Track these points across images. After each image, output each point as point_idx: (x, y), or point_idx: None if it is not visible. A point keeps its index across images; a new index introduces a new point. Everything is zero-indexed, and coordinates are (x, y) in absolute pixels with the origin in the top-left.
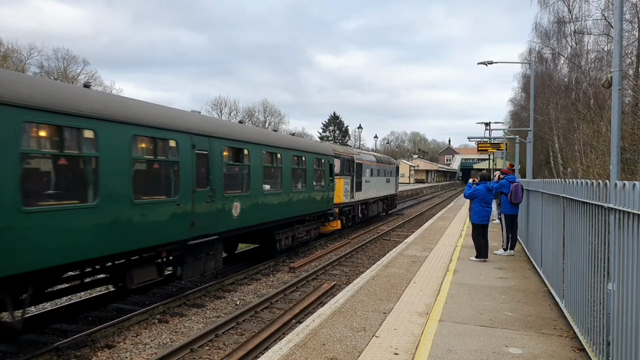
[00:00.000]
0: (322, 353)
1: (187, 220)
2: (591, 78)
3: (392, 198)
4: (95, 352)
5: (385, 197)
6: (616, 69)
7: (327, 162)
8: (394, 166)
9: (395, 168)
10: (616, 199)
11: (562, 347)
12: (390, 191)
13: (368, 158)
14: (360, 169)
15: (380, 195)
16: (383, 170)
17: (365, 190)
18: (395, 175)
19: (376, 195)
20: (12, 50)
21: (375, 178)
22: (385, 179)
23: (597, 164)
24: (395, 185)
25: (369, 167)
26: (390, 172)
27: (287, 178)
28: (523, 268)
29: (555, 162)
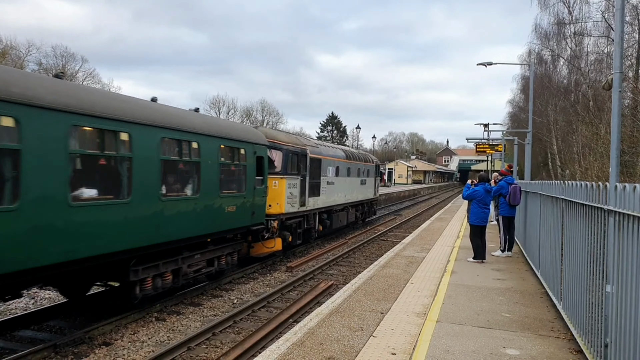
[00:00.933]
0: (320, 352)
1: None
2: (591, 80)
3: (370, 204)
4: (92, 350)
5: (361, 203)
6: (616, 71)
7: (253, 154)
8: (372, 164)
9: (374, 167)
10: (616, 201)
11: (559, 348)
12: (367, 195)
13: (332, 152)
14: (318, 166)
15: (352, 200)
16: (356, 169)
17: (328, 194)
18: (375, 176)
19: (345, 201)
20: (11, 47)
21: (343, 179)
22: (359, 180)
23: (595, 166)
24: (374, 187)
25: (332, 165)
26: (367, 171)
27: (147, 177)
28: (520, 270)
29: (554, 164)
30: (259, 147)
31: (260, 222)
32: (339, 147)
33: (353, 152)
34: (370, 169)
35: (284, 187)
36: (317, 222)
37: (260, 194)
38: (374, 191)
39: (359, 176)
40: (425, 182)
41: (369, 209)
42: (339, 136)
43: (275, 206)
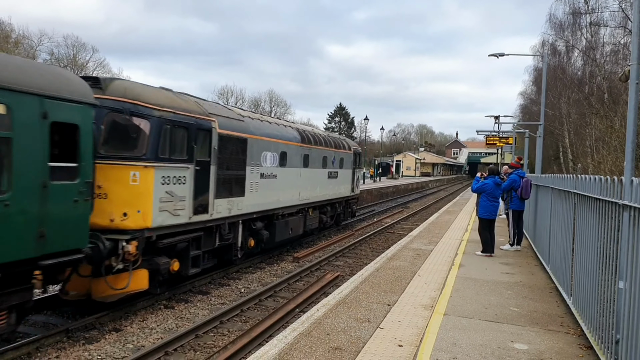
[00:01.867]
0: (327, 342)
1: None
2: (606, 72)
3: (345, 203)
4: (103, 335)
5: (330, 203)
6: (634, 62)
7: (41, 118)
8: (349, 152)
9: (352, 155)
10: (631, 195)
11: (568, 344)
12: (340, 192)
13: (272, 131)
14: (241, 149)
15: (314, 200)
16: (320, 158)
17: (264, 192)
18: (354, 166)
19: (301, 201)
20: (23, 37)
21: (295, 171)
22: (325, 173)
23: (609, 160)
24: (352, 181)
25: (273, 149)
26: (341, 160)
27: None
28: (530, 264)
29: (565, 158)
30: (63, 106)
31: (74, 247)
32: (290, 125)
33: (317, 134)
34: (346, 157)
35: (151, 183)
36: (243, 235)
37: (66, 197)
38: (352, 186)
39: (326, 167)
40: (434, 175)
41: (344, 210)
42: (347, 127)
43: (133, 216)
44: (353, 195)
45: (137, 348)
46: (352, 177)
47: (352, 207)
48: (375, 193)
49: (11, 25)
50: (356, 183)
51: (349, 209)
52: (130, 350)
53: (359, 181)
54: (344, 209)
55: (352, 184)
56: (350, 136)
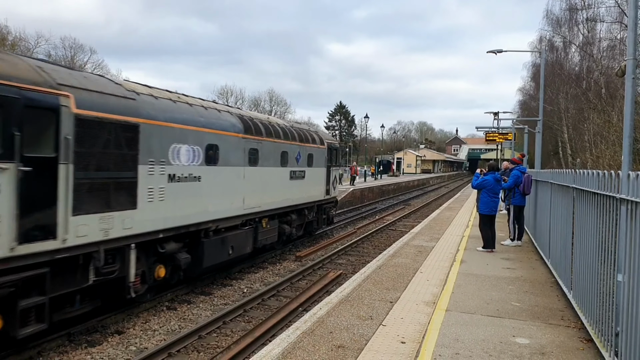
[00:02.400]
0: (330, 341)
1: None
2: (603, 67)
3: (319, 208)
4: (105, 338)
5: (295, 209)
6: (630, 57)
7: None
8: (321, 147)
9: (325, 151)
10: (628, 189)
11: (569, 337)
12: (311, 194)
13: (186, 115)
14: (127, 139)
15: (270, 207)
16: (276, 153)
17: (173, 200)
18: (329, 164)
19: (247, 210)
20: (20, 39)
21: (234, 170)
22: (286, 172)
23: (607, 154)
24: (326, 182)
25: (195, 141)
26: (308, 157)
27: None
28: (530, 259)
29: (564, 153)
30: None
31: None
32: (228, 110)
33: (273, 122)
34: (317, 153)
35: None
36: (142, 264)
37: None
38: (327, 188)
39: (286, 165)
40: (434, 172)
41: (317, 217)
42: (347, 126)
43: None
44: (329, 199)
45: (140, 350)
46: (327, 176)
47: (329, 213)
48: (377, 191)
49: (7, 28)
50: (333, 184)
51: (324, 215)
52: (133, 353)
53: (336, 182)
54: (318, 216)
55: (328, 185)
56: (350, 134)
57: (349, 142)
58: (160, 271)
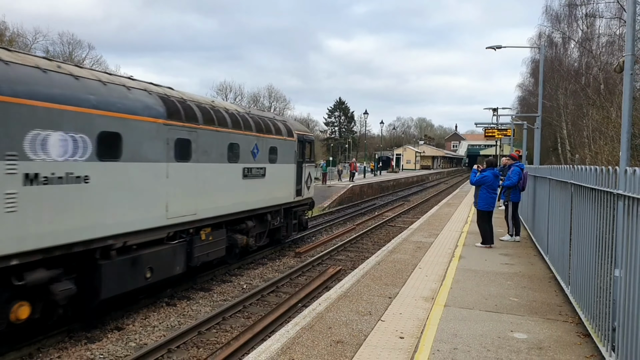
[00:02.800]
0: (329, 336)
1: None
2: (602, 63)
3: (286, 212)
4: (105, 334)
5: (254, 215)
6: (628, 53)
7: None
8: (289, 139)
9: (295, 144)
10: (625, 185)
11: (567, 332)
12: (275, 196)
13: (61, 89)
14: None
15: (213, 214)
16: (221, 146)
17: (37, 211)
18: (299, 159)
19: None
20: (18, 35)
21: (151, 167)
22: (238, 170)
23: (605, 150)
24: (297, 180)
25: (77, 126)
26: (271, 151)
27: None
28: (529, 254)
29: (563, 149)
30: None
31: None
32: (146, 88)
33: (216, 106)
34: (283, 147)
35: None
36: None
37: None
38: (299, 188)
39: (237, 160)
40: (434, 168)
41: (286, 222)
42: (347, 122)
43: None
44: (301, 201)
45: (140, 346)
46: (298, 175)
47: (301, 218)
48: (376, 187)
49: (5, 24)
50: (306, 183)
51: (294, 220)
52: (133, 349)
53: (311, 180)
54: (287, 221)
55: (299, 185)
56: (350, 130)
57: (348, 139)
58: (21, 311)
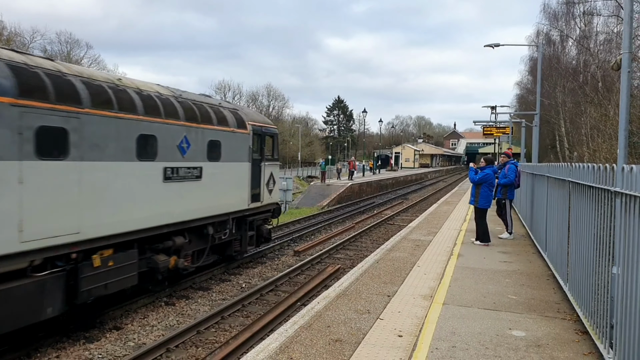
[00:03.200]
0: (327, 335)
1: None
2: (600, 60)
3: (240, 222)
4: (103, 334)
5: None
6: (626, 51)
7: None
8: (239, 131)
9: (249, 137)
10: (623, 182)
11: (565, 330)
12: (223, 202)
13: None
14: None
15: (118, 229)
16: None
17: None
18: (257, 156)
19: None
20: (15, 34)
21: None
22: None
23: (603, 148)
24: (252, 183)
25: None
26: (213, 145)
27: None
28: (527, 252)
29: (562, 146)
30: None
31: None
32: None
33: (120, 85)
34: (229, 141)
35: None
36: None
37: None
38: (253, 193)
39: (155, 157)
40: (433, 166)
41: (240, 235)
42: (346, 120)
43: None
44: (259, 208)
45: (138, 346)
46: (254, 176)
47: (261, 228)
48: (375, 185)
49: (3, 23)
50: (267, 186)
51: (253, 230)
52: (132, 348)
53: (273, 182)
54: (241, 233)
55: (257, 189)
56: (349, 129)
57: (347, 137)
58: None
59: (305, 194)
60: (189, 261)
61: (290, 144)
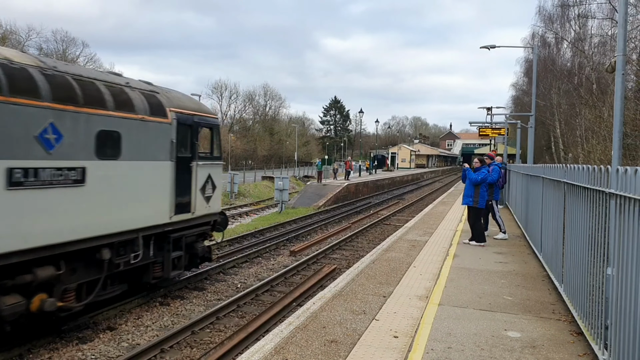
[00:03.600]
0: (323, 336)
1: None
2: (594, 63)
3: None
4: (97, 334)
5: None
6: (620, 53)
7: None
8: (153, 121)
9: (172, 128)
10: (617, 184)
11: (560, 331)
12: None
13: None
14: None
15: None
16: None
17: None
18: (185, 154)
19: None
20: (11, 32)
21: None
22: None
23: (598, 149)
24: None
25: None
26: (102, 138)
27: None
28: (523, 253)
29: (557, 148)
30: None
31: None
32: None
33: None
34: (136, 131)
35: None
36: None
37: None
38: (175, 202)
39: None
40: (429, 166)
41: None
42: (342, 120)
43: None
44: (189, 221)
45: (132, 346)
46: (179, 179)
47: (196, 246)
48: (371, 185)
49: None
50: (202, 192)
51: (181, 250)
52: (125, 349)
53: (212, 188)
54: (163, 254)
55: (185, 196)
56: (345, 129)
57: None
58: None
59: (301, 193)
60: (72, 298)
61: (286, 143)
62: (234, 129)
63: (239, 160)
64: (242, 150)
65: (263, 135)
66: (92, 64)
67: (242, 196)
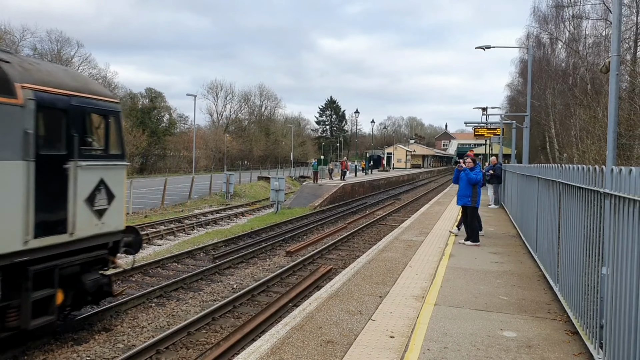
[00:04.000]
0: (319, 336)
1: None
2: (589, 63)
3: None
4: (92, 335)
5: None
6: (614, 54)
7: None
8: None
9: (22, 112)
10: (612, 184)
11: (555, 330)
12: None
13: None
14: None
15: None
16: None
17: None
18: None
19: None
20: (5, 32)
21: None
22: None
23: (593, 149)
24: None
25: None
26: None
27: None
28: (518, 252)
29: (552, 148)
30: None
31: None
32: None
33: None
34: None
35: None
36: None
37: None
38: (34, 221)
39: None
40: (424, 167)
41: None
42: (338, 121)
43: None
44: (74, 245)
45: (128, 347)
46: (48, 186)
47: (84, 280)
48: (367, 185)
49: None
50: (88, 204)
51: (52, 287)
52: (121, 350)
53: (108, 198)
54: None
55: (59, 211)
56: (341, 129)
57: (339, 138)
58: None
59: (297, 194)
60: None
61: (282, 144)
62: (229, 129)
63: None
64: (238, 151)
65: (259, 136)
66: (86, 64)
67: (238, 197)
